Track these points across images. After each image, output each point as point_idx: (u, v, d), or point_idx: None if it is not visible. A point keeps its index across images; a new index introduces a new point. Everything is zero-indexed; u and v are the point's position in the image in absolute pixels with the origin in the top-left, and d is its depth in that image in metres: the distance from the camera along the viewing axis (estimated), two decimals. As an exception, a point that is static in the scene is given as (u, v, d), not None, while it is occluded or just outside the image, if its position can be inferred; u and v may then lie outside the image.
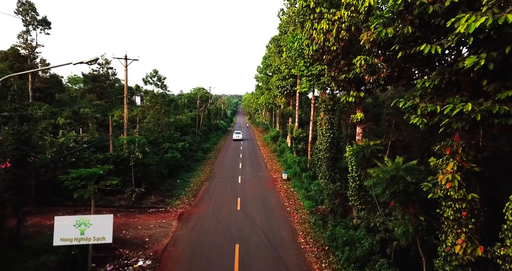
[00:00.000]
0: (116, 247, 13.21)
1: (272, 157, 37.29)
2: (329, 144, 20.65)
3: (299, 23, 24.01)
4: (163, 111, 30.37)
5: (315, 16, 15.58)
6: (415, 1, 6.68)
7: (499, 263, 7.08)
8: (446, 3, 6.38)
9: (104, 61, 50.33)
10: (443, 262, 8.63)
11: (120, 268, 11.84)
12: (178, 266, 12.07)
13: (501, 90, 6.21)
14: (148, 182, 20.38)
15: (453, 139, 8.59)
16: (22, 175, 10.90)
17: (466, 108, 6.35)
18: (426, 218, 10.73)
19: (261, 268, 12.00)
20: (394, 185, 10.72)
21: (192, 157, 32.90)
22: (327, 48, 14.92)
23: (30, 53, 41.02)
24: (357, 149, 14.45)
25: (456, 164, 8.34)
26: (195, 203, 19.83)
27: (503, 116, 6.24)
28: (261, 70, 52.58)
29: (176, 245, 13.85)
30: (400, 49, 8.14)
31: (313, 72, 20.70)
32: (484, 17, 5.42)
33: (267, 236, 14.98)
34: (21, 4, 38.86)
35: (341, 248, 13.38)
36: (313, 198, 20.23)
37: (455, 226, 8.40)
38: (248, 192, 22.23)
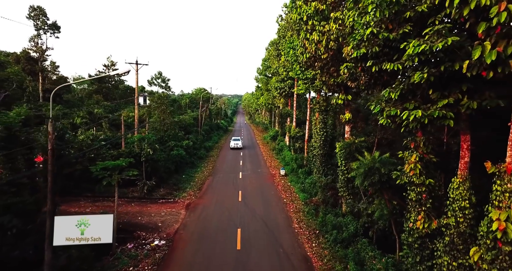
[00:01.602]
0: (134, 230, 15.21)
1: (271, 155, 39.26)
2: (323, 142, 22.58)
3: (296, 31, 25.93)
4: (168, 111, 32.30)
5: (308, 27, 17.51)
6: (379, 33, 8.66)
7: (443, 230, 9.05)
8: (400, 32, 8.36)
9: (110, 63, 52.23)
10: (407, 235, 10.60)
11: (139, 246, 13.83)
12: (188, 245, 14.07)
13: (441, 98, 8.18)
14: (157, 177, 22.36)
15: (416, 135, 10.58)
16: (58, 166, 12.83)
17: (418, 114, 8.32)
18: (398, 202, 12.74)
19: (259, 247, 13.98)
20: (371, 176, 12.74)
21: (196, 155, 34.90)
22: (318, 56, 16.87)
23: (41, 56, 42.93)
24: (344, 145, 16.43)
25: (418, 155, 10.27)
26: (200, 195, 21.82)
27: (442, 118, 8.22)
28: (261, 71, 54.48)
29: (185, 229, 15.85)
30: (373, 64, 10.10)
31: (308, 76, 22.73)
32: (424, 44, 7.38)
33: (265, 222, 16.96)
34: (32, 9, 40.76)
35: (330, 231, 15.38)
36: (308, 191, 22.23)
37: (417, 206, 10.34)
38: (248, 186, 24.22)
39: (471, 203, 8.51)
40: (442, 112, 8.06)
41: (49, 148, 9.15)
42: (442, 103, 8.08)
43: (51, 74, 44.22)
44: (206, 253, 13.33)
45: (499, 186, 6.96)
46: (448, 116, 8.10)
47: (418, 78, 7.93)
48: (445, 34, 7.18)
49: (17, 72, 32.65)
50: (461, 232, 8.53)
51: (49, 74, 44.00)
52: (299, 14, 17.56)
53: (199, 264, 12.41)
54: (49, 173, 9.20)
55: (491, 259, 6.91)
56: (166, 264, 12.46)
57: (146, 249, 13.52)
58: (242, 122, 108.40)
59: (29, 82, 32.56)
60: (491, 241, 6.91)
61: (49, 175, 9.20)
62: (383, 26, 9.03)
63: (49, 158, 9.12)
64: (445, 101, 8.06)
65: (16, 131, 12.35)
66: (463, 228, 8.50)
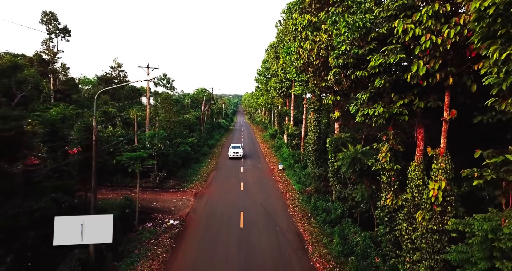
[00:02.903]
0: (151, 212, 17.67)
1: (270, 152, 41.72)
2: (316, 138, 25.01)
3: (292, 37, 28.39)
4: (174, 111, 34.75)
5: (302, 37, 19.96)
6: (351, 50, 11.13)
7: (404, 204, 11.51)
8: (367, 48, 10.82)
9: (116, 65, 54.70)
10: (380, 211, 13.04)
11: (157, 225, 16.29)
12: (198, 224, 16.53)
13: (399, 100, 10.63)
14: (167, 169, 24.82)
15: (388, 130, 13.03)
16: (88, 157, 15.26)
17: (379, 111, 10.78)
18: (376, 187, 15.20)
19: (259, 226, 16.44)
20: (354, 165, 15.20)
21: (200, 151, 37.35)
22: (311, 62, 19.30)
23: (52, 58, 45.36)
24: (333, 140, 18.88)
25: (388, 146, 12.73)
26: (206, 186, 24.29)
27: (399, 115, 10.67)
28: (261, 73, 56.92)
29: (195, 212, 18.31)
30: (352, 72, 12.55)
31: (303, 79, 25.18)
32: (381, 59, 9.82)
33: (264, 207, 19.42)
34: (45, 14, 43.22)
35: (320, 214, 17.84)
36: (303, 182, 24.70)
37: (387, 187, 12.78)
38: (249, 179, 26.68)
39: (424, 181, 10.95)
40: (399, 110, 10.52)
41: (94, 139, 11.62)
42: (399, 103, 10.55)
43: (61, 75, 46.59)
44: (214, 230, 15.80)
45: (435, 165, 9.42)
46: (404, 113, 10.56)
47: (378, 83, 10.41)
48: (398, 52, 9.64)
49: (33, 74, 35.04)
50: (415, 204, 10.97)
51: (59, 76, 46.39)
52: (294, 24, 20.07)
53: (209, 238, 14.86)
54: (93, 158, 11.67)
55: (429, 218, 9.37)
56: (181, 238, 14.93)
57: (163, 227, 15.99)
58: (242, 122, 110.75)
59: (46, 84, 34.88)
60: (429, 205, 9.37)
61: (93, 160, 11.67)
62: (356, 43, 11.49)
63: (94, 146, 11.58)
64: (401, 101, 10.52)
65: (58, 127, 14.75)
66: (417, 200, 10.95)
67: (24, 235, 9.80)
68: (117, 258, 12.76)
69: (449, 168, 9.22)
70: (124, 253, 13.28)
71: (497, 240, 6.47)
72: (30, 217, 10.05)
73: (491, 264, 6.53)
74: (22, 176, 12.86)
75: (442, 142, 9.40)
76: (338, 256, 13.51)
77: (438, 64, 8.44)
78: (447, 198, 9.11)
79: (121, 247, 13.61)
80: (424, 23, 8.29)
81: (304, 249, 14.17)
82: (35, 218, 10.18)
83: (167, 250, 13.59)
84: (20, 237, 9.69)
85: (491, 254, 6.61)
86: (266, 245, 14.29)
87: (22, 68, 36.27)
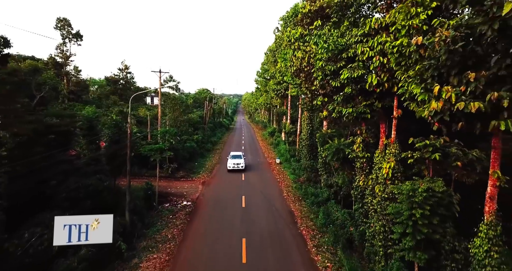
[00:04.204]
0: (167, 196, 21.02)
1: (269, 149, 45.06)
2: (309, 135, 28.33)
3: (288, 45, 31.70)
4: (181, 110, 38.07)
5: (295, 47, 23.28)
6: (326, 65, 14.45)
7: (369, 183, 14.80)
8: (338, 65, 14.14)
9: (124, 67, 57.97)
10: (354, 191, 16.37)
11: (173, 205, 19.63)
12: (207, 205, 19.87)
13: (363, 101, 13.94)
14: (177, 162, 28.15)
15: (361, 125, 16.35)
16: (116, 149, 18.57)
17: (349, 111, 14.10)
18: (354, 173, 18.49)
19: (258, 206, 19.77)
20: (337, 154, 18.50)
21: (204, 148, 40.70)
22: (303, 69, 22.62)
23: (65, 61, 48.66)
24: (321, 135, 22.20)
25: (361, 138, 16.05)
26: (211, 177, 27.64)
27: (364, 113, 13.97)
28: (260, 74, 60.18)
29: (204, 196, 21.66)
30: (331, 79, 15.86)
31: (297, 82, 28.45)
32: (348, 73, 13.12)
33: (263, 193, 22.75)
34: (59, 21, 46.51)
35: (309, 197, 21.17)
36: (297, 173, 28.03)
37: (360, 171, 16.10)
38: (250, 170, 30.00)
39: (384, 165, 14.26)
40: (364, 109, 13.85)
41: (128, 133, 14.94)
42: (363, 104, 13.88)
43: (74, 77, 49.87)
44: (220, 209, 19.14)
45: (388, 150, 12.74)
46: (367, 111, 13.89)
47: (347, 90, 13.77)
48: (360, 68, 12.95)
49: (51, 77, 38.31)
50: (378, 182, 14.29)
51: (72, 78, 49.68)
52: (288, 37, 23.34)
53: (217, 214, 18.20)
54: (128, 148, 15.00)
55: (383, 189, 12.69)
56: (194, 214, 18.27)
57: (179, 206, 19.36)
58: (242, 121, 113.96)
59: (64, 86, 38.14)
60: (383, 180, 12.68)
61: (128, 149, 15.00)
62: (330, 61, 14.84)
63: (128, 139, 14.90)
64: (365, 102, 13.84)
65: (93, 123, 18.03)
66: (380, 180, 14.26)
67: (82, 203, 13.12)
68: (145, 227, 16.10)
69: (397, 153, 12.51)
70: (149, 224, 16.61)
71: (414, 196, 9.78)
72: (86, 190, 13.40)
73: (411, 212, 9.83)
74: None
75: (393, 134, 12.72)
76: (321, 227, 16.87)
77: (386, 77, 11.74)
78: (395, 174, 12.42)
79: (147, 220, 16.95)
80: (375, 47, 11.60)
81: (294, 222, 17.53)
82: (89, 191, 13.52)
83: (184, 222, 16.95)
84: (80, 205, 13.01)
85: (411, 206, 9.90)
86: (264, 219, 17.64)
87: (41, 71, 39.60)
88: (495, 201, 7.73)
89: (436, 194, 9.72)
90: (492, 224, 7.65)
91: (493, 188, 7.76)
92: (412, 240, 9.97)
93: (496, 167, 7.63)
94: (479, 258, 7.72)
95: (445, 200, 9.87)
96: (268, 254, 13.62)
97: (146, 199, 18.56)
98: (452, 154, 10.10)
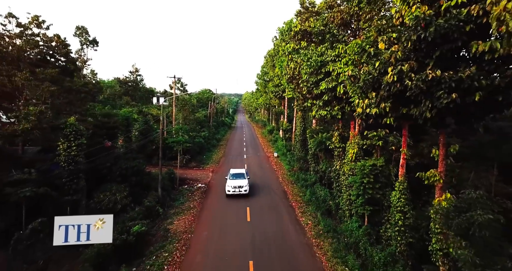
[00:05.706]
0: (185, 180, 25.91)
1: (268, 145, 49.92)
2: (302, 131, 33.16)
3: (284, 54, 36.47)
4: (190, 110, 42.92)
5: (290, 57, 28.09)
6: (309, 77, 19.26)
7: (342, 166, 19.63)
8: (319, 77, 18.96)
9: (135, 70, 62.77)
10: (333, 173, 21.21)
11: (191, 187, 24.51)
12: (218, 186, 24.75)
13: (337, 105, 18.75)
14: (189, 154, 33.01)
15: (338, 123, 21.21)
16: (146, 141, 23.42)
17: (324, 113, 18.94)
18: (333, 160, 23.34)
19: (258, 188, 24.63)
20: (320, 146, 23.39)
21: (210, 143, 45.57)
22: (295, 77, 27.44)
23: (83, 65, 53.43)
24: (310, 131, 27.06)
25: (338, 133, 20.89)
26: (219, 166, 32.55)
27: (337, 114, 18.78)
28: (260, 76, 65.00)
29: (214, 180, 26.56)
30: (314, 88, 20.68)
31: (291, 86, 33.28)
32: (325, 84, 17.92)
33: (262, 179, 27.62)
34: (77, 28, 51.30)
35: (300, 182, 26.05)
36: (291, 164, 32.91)
37: (337, 158, 20.95)
38: (251, 162, 34.90)
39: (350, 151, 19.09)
40: (336, 111, 18.71)
41: (160, 128, 19.80)
42: (337, 107, 18.73)
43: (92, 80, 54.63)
44: (228, 189, 24.00)
45: (353, 140, 17.57)
46: (339, 113, 18.74)
47: (325, 97, 18.62)
48: (333, 81, 17.78)
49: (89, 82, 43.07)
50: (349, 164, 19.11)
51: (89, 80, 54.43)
52: (282, 50, 28.17)
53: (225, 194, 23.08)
54: (160, 140, 19.84)
55: (349, 169, 17.53)
56: (208, 192, 23.14)
57: (195, 187, 24.24)
58: (243, 120, 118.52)
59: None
60: (349, 161, 17.52)
61: (160, 142, 19.83)
62: (312, 74, 19.68)
63: (160, 132, 19.75)
64: (338, 106, 18.70)
65: (129, 120, 22.86)
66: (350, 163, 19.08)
67: (129, 179, 17.97)
68: (172, 200, 20.98)
69: (359, 142, 17.33)
70: (174, 199, 21.48)
71: (364, 169, 14.62)
72: (132, 169, 18.26)
73: (362, 180, 14.67)
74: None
75: (357, 128, 17.58)
76: (307, 202, 21.76)
77: (349, 88, 16.54)
78: (357, 157, 17.25)
79: (172, 195, 21.83)
80: (343, 67, 16.42)
81: (286, 198, 22.43)
82: (134, 170, 18.39)
83: (201, 197, 21.85)
84: (128, 180, 17.86)
85: (362, 176, 14.74)
86: (263, 196, 22.51)
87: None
88: (404, 168, 12.58)
89: (378, 168, 14.61)
90: (401, 182, 12.50)
91: (403, 160, 12.62)
92: (362, 199, 14.86)
93: (404, 146, 12.50)
94: (394, 202, 12.58)
95: (385, 172, 14.78)
96: (266, 216, 18.53)
97: (170, 180, 23.43)
98: (390, 141, 14.98)
